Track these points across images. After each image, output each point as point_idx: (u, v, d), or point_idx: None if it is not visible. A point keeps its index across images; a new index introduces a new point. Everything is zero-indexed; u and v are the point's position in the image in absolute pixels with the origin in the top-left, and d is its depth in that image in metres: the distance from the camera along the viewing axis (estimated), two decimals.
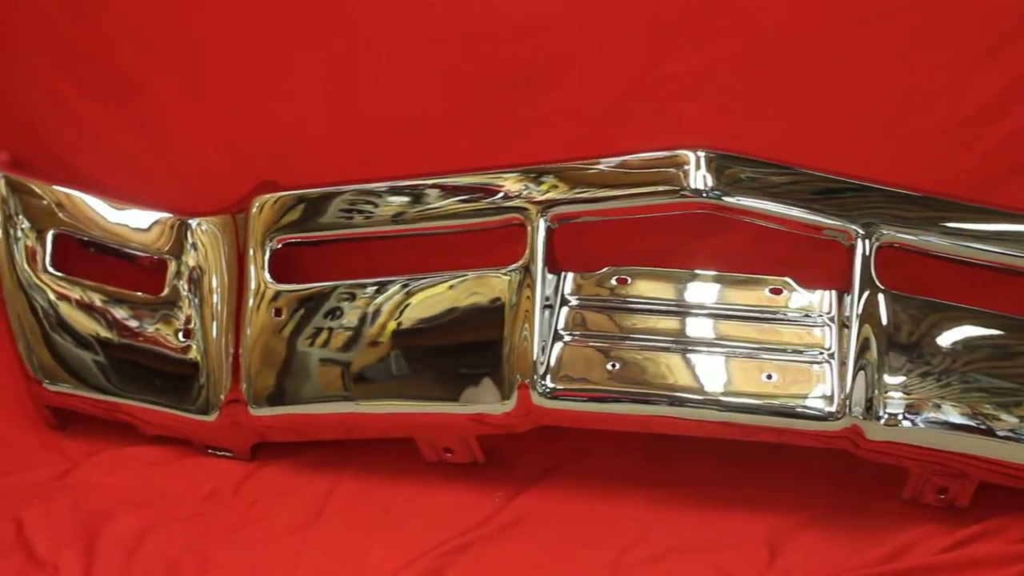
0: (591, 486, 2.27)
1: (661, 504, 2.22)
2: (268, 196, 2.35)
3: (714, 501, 2.23)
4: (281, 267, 2.35)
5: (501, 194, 2.24)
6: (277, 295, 2.31)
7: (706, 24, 2.33)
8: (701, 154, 2.17)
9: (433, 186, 2.30)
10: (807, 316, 2.19)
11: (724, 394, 2.14)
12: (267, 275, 2.32)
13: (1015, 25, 2.25)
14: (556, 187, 2.21)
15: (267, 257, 2.33)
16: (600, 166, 2.22)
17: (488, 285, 2.21)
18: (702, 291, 2.23)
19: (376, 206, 2.31)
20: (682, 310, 2.23)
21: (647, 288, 2.23)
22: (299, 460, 2.35)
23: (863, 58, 2.30)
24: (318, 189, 2.35)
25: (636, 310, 2.23)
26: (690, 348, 2.18)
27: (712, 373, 2.16)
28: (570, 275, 2.24)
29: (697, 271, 2.25)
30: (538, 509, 2.23)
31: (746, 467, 2.27)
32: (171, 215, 2.41)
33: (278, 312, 2.29)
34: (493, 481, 2.29)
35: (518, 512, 2.22)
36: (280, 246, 2.34)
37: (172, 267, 2.39)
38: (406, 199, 2.30)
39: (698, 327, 2.21)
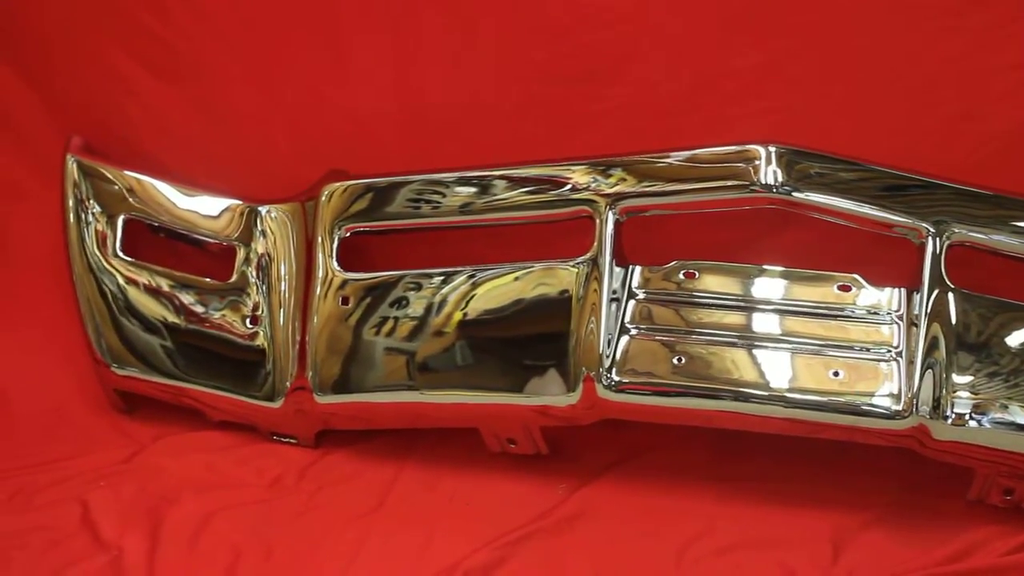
0: (654, 480, 2.27)
1: (725, 499, 2.22)
2: (337, 185, 2.36)
3: (779, 497, 2.22)
4: (349, 256, 2.36)
5: (569, 186, 2.25)
6: (344, 283, 2.32)
7: (770, 20, 2.32)
8: (772, 149, 2.17)
9: (500, 177, 2.30)
10: (875, 313, 2.17)
11: (790, 390, 2.13)
12: (335, 263, 2.33)
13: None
14: (625, 180, 2.21)
15: (335, 245, 2.34)
16: (669, 160, 2.22)
17: (555, 277, 2.21)
18: (769, 287, 2.22)
19: (444, 196, 2.32)
20: (749, 305, 2.22)
21: (714, 283, 2.23)
22: (363, 448, 2.37)
23: (928, 56, 2.29)
24: (386, 178, 2.36)
25: (703, 304, 2.22)
26: (756, 344, 2.18)
27: (778, 369, 2.15)
28: (638, 268, 2.24)
29: (765, 266, 2.24)
30: (601, 502, 2.23)
31: (811, 464, 2.27)
32: (240, 202, 2.43)
33: (345, 300, 2.30)
34: (556, 473, 2.29)
35: (580, 505, 2.23)
36: (348, 234, 2.36)
37: (241, 254, 2.41)
38: (474, 189, 2.31)
39: (764, 323, 2.20)
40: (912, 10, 2.29)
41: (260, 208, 2.41)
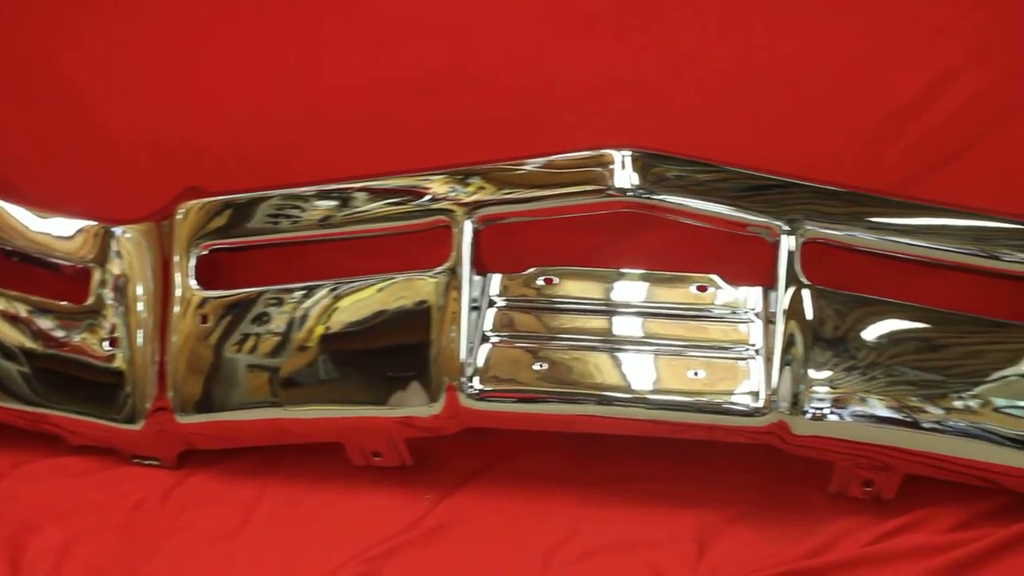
0: (520, 487, 2.27)
1: (590, 502, 2.22)
2: (193, 202, 2.34)
3: (643, 497, 2.23)
4: (208, 273, 2.33)
5: (429, 196, 2.24)
6: (203, 302, 2.29)
7: (642, 24, 2.35)
8: (626, 153, 2.18)
9: (361, 189, 2.30)
10: (733, 312, 2.20)
11: (652, 392, 2.14)
12: (193, 282, 2.30)
13: (939, 22, 2.27)
14: (483, 188, 2.22)
15: (193, 264, 2.31)
16: (527, 167, 2.22)
17: (415, 288, 2.20)
18: (629, 290, 2.24)
19: (303, 210, 2.31)
20: (609, 309, 2.23)
21: (574, 288, 2.23)
22: (227, 467, 2.34)
23: (790, 55, 2.33)
24: (245, 194, 2.34)
25: (563, 310, 2.23)
26: (617, 347, 2.19)
27: (639, 371, 2.16)
28: (497, 276, 2.23)
29: (623, 270, 2.25)
30: (467, 511, 2.22)
31: (675, 463, 2.28)
32: (95, 223, 2.39)
33: (204, 319, 2.28)
34: (421, 484, 2.28)
35: (447, 515, 2.22)
36: (206, 252, 2.32)
37: (96, 276, 2.37)
38: (333, 203, 2.29)
39: (625, 326, 2.21)
40: (773, 11, 2.30)
41: (115, 229, 2.38)
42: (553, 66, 2.37)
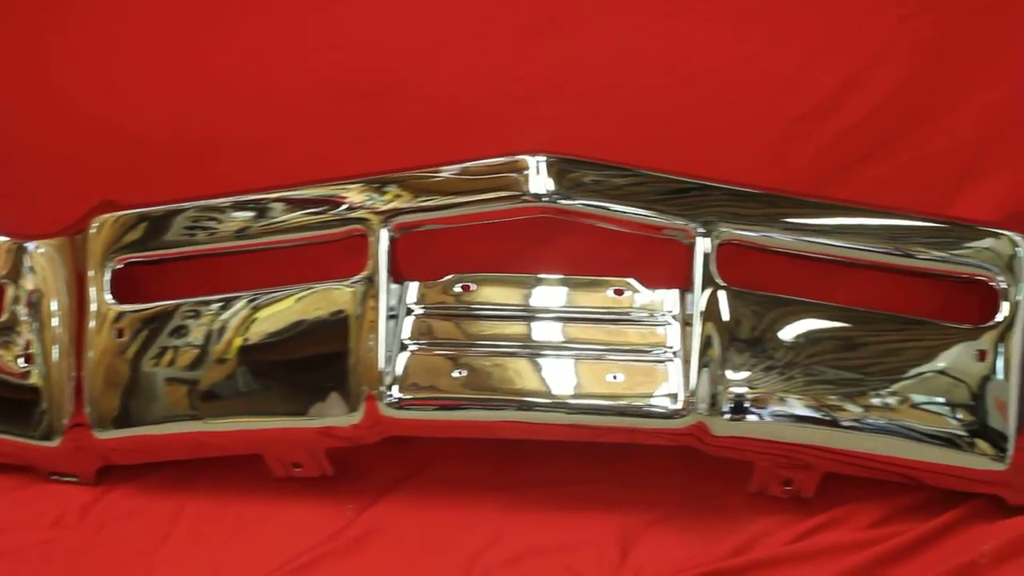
0: (442, 494, 2.27)
1: (512, 508, 2.23)
2: (107, 216, 2.32)
3: (566, 501, 2.24)
4: (124, 287, 2.31)
5: (345, 205, 2.23)
6: (119, 316, 2.28)
7: (557, 28, 2.35)
8: (540, 159, 2.18)
9: (278, 199, 2.28)
10: (651, 315, 2.20)
11: (571, 397, 2.15)
12: (108, 296, 2.28)
13: (850, 22, 2.29)
14: (399, 196, 2.21)
15: (108, 278, 2.29)
16: (443, 174, 2.22)
17: (332, 298, 2.20)
18: (547, 295, 2.24)
19: (220, 222, 2.29)
20: (528, 314, 2.23)
21: (492, 294, 2.23)
22: (146, 482, 2.32)
23: (704, 58, 2.34)
24: (160, 207, 2.32)
25: (482, 316, 2.23)
26: (537, 352, 2.19)
27: (559, 376, 2.17)
28: (414, 284, 2.23)
29: (541, 275, 2.26)
30: (389, 520, 2.22)
31: (596, 467, 2.29)
32: (7, 239, 2.36)
33: (120, 333, 2.26)
34: (343, 494, 2.27)
35: (369, 524, 2.21)
36: (121, 266, 2.30)
37: (10, 292, 2.34)
38: (250, 214, 2.28)
39: (544, 331, 2.21)
40: (684, 14, 2.32)
41: (27, 244, 2.35)
42: (471, 73, 2.37)
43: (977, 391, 2.14)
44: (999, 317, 2.16)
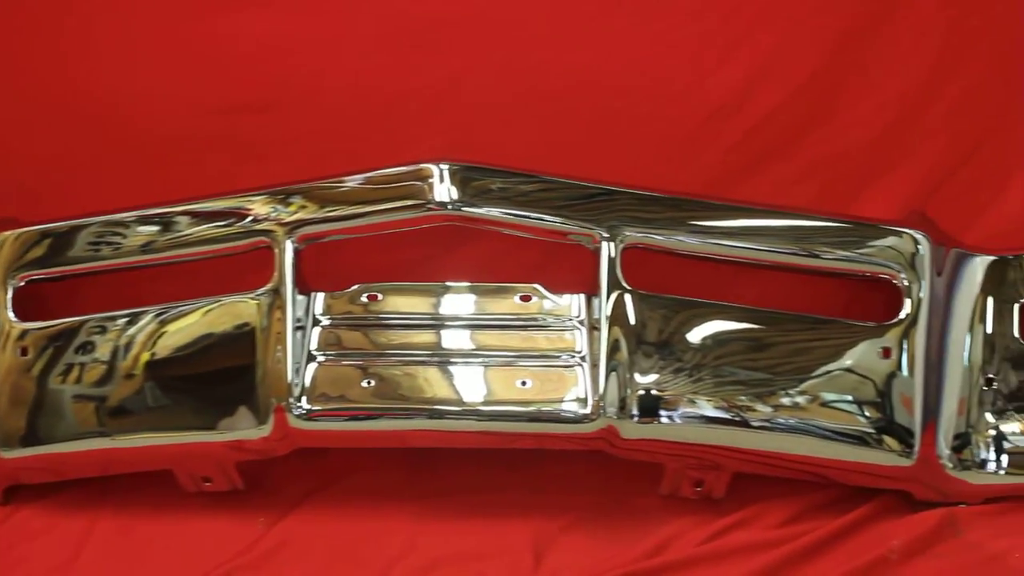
0: (354, 505, 2.26)
1: (425, 516, 2.23)
2: (8, 233, 2.29)
3: (478, 509, 2.24)
4: (29, 305, 2.28)
5: (250, 218, 2.22)
6: (23, 334, 2.25)
7: (453, 36, 2.35)
8: (444, 167, 2.18)
9: (183, 213, 2.26)
10: (558, 321, 2.20)
11: (482, 404, 2.16)
12: (10, 314, 2.25)
13: (748, 23, 2.31)
14: (304, 207, 2.20)
15: (9, 296, 2.26)
16: (347, 184, 2.21)
17: (239, 310, 2.19)
18: (454, 303, 2.24)
19: (125, 237, 2.27)
20: (436, 323, 2.23)
21: (399, 303, 2.24)
22: (55, 500, 2.30)
23: (606, 62, 2.34)
24: (63, 223, 2.29)
25: (390, 326, 2.23)
26: (446, 360, 2.19)
27: (469, 383, 2.17)
28: (320, 295, 2.22)
29: (448, 283, 2.25)
30: (301, 532, 2.21)
31: (508, 473, 2.30)
32: None
33: (24, 351, 2.23)
34: (255, 507, 2.26)
35: (281, 536, 2.20)
36: (24, 284, 2.27)
37: None
38: (155, 228, 2.27)
39: (453, 339, 2.21)
40: (585, 20, 2.33)
41: None
42: (365, 84, 2.36)
43: (883, 388, 2.16)
44: (902, 314, 2.17)
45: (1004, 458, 2.19)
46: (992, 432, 2.18)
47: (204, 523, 2.24)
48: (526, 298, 2.22)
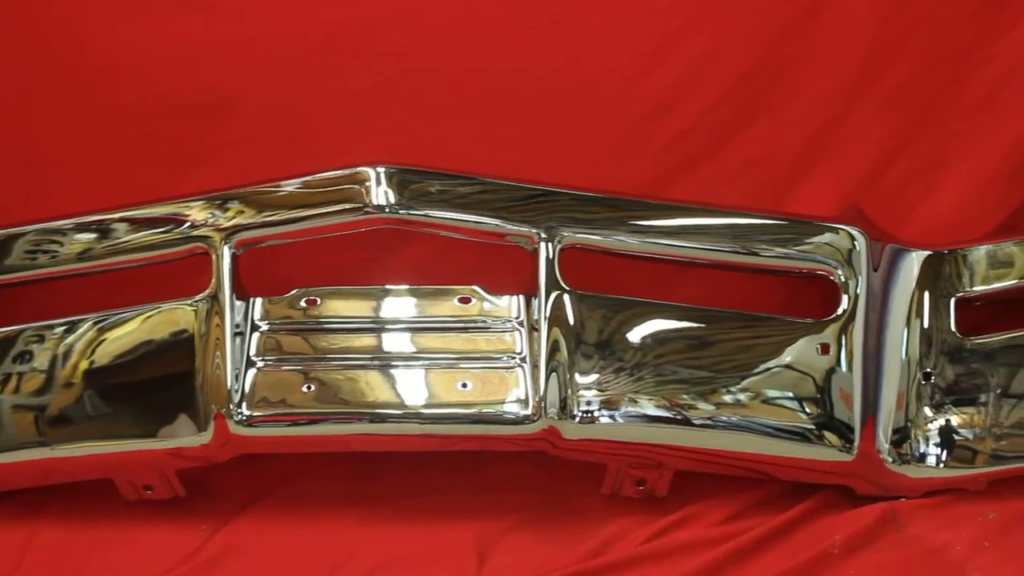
0: (297, 511, 2.25)
1: (368, 521, 2.22)
2: None
3: (421, 513, 2.24)
4: None
5: (188, 223, 2.21)
6: None
7: (384, 40, 2.34)
8: (381, 170, 2.18)
9: (120, 220, 2.25)
10: (497, 322, 2.20)
11: (423, 406, 2.15)
12: None
13: (680, 25, 2.31)
14: (241, 212, 2.19)
15: None
16: (285, 188, 2.20)
17: (177, 317, 2.18)
18: (393, 306, 2.24)
19: (62, 245, 2.26)
20: (376, 326, 2.23)
21: (338, 307, 2.23)
22: None
23: (539, 64, 2.34)
24: None
25: (329, 330, 2.22)
26: (386, 363, 2.19)
27: (410, 387, 2.17)
28: (259, 300, 2.21)
29: (388, 286, 2.25)
30: (243, 538, 2.20)
31: (452, 476, 2.29)
32: None
33: None
34: (196, 515, 2.25)
35: (224, 543, 2.20)
36: None
37: None
38: (92, 235, 2.25)
39: (393, 342, 2.21)
40: (518, 19, 2.34)
41: None
42: (301, 87, 2.36)
43: (823, 384, 2.17)
44: (840, 310, 2.19)
45: (943, 451, 2.20)
46: (931, 426, 2.19)
47: (146, 531, 2.23)
48: (465, 300, 2.21)
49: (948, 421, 2.20)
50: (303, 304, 2.23)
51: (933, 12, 2.31)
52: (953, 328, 2.22)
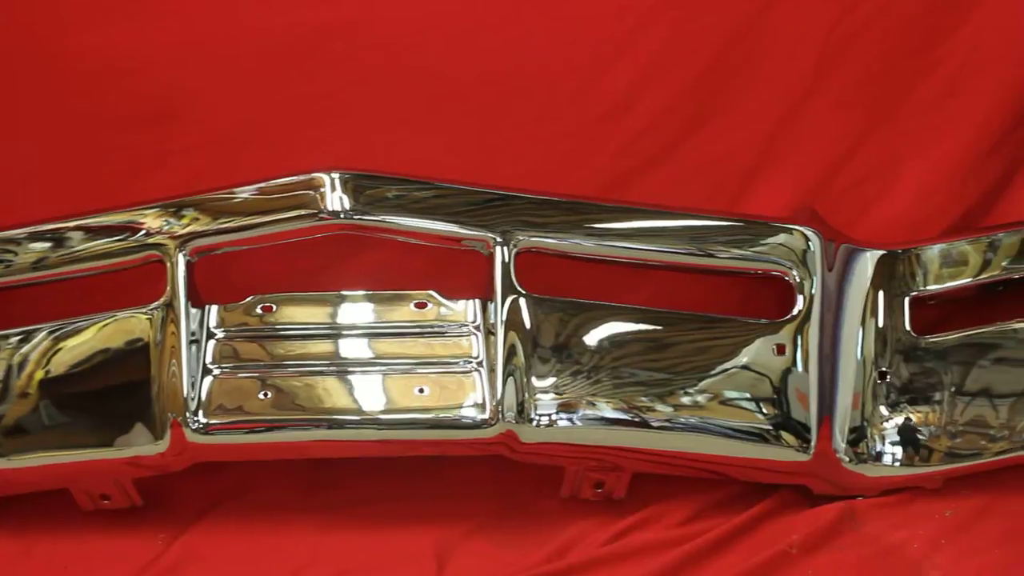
0: (255, 519, 2.25)
1: (327, 528, 2.22)
2: None
3: (380, 519, 2.24)
4: None
5: (143, 231, 2.20)
6: None
7: (336, 45, 2.33)
8: (336, 175, 2.17)
9: (75, 228, 2.23)
10: (453, 327, 2.20)
11: (381, 412, 2.15)
12: None
13: (634, 26, 2.32)
14: (196, 220, 2.18)
15: None
16: (238, 195, 2.20)
17: (132, 325, 2.17)
18: (350, 311, 2.23)
19: (16, 254, 2.24)
20: (333, 332, 2.22)
21: (294, 313, 2.22)
22: None
23: (493, 67, 2.34)
24: None
25: (285, 336, 2.21)
26: (344, 370, 2.18)
27: (367, 392, 2.17)
28: (214, 307, 2.20)
29: (344, 292, 2.24)
30: (202, 547, 2.20)
31: (410, 482, 2.29)
32: None
33: None
34: (154, 524, 2.24)
35: (181, 553, 2.19)
36: None
37: None
38: (47, 244, 2.24)
39: (350, 348, 2.21)
40: (469, 20, 2.34)
41: None
42: (252, 93, 2.35)
43: (779, 384, 2.18)
44: (795, 311, 2.20)
45: (899, 450, 2.21)
46: (887, 425, 2.20)
47: (104, 541, 2.22)
48: (421, 305, 2.21)
49: (904, 420, 2.21)
50: (259, 311, 2.22)
51: (884, 12, 2.32)
52: (908, 327, 2.23)
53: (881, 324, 2.22)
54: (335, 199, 2.16)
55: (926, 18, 2.35)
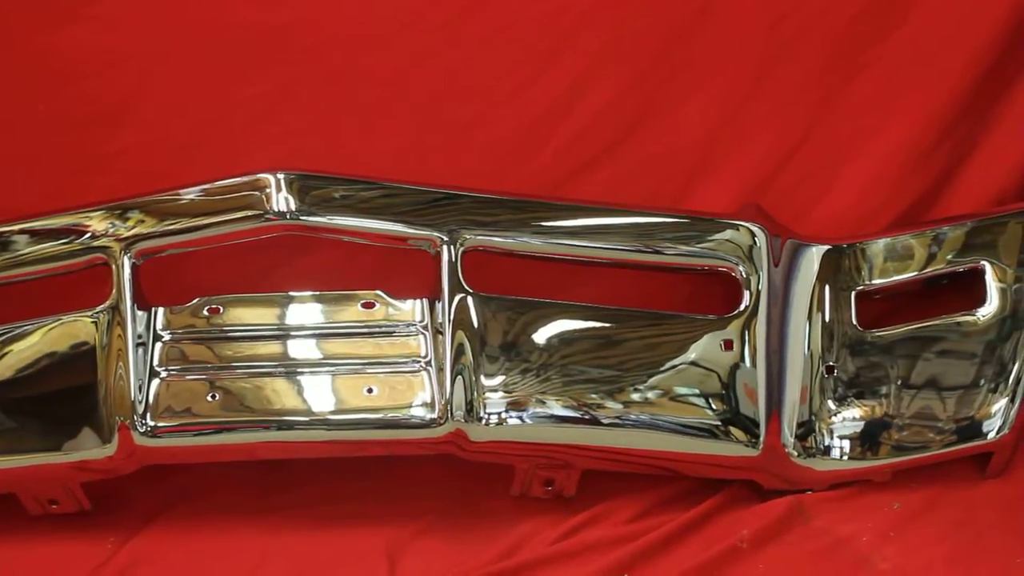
0: (205, 522, 2.24)
1: (277, 530, 2.22)
2: None
3: (331, 520, 2.23)
4: None
5: (88, 234, 2.18)
6: None
7: (278, 47, 2.32)
8: (281, 176, 2.16)
9: (20, 232, 2.22)
10: (401, 326, 2.20)
11: (330, 413, 2.15)
12: None
13: (573, 23, 2.32)
14: (141, 222, 2.17)
15: None
16: (183, 196, 2.19)
17: (78, 329, 2.15)
18: (297, 312, 2.23)
19: None
20: (280, 333, 2.22)
21: (242, 315, 2.22)
22: None
23: (433, 67, 2.35)
24: None
25: (233, 338, 2.20)
26: (292, 370, 2.18)
27: (316, 393, 2.16)
28: (161, 310, 2.19)
29: (291, 293, 2.24)
30: (151, 552, 2.19)
31: (360, 483, 2.29)
32: None
33: None
34: (103, 528, 2.23)
35: (131, 557, 2.18)
36: None
37: None
38: None
39: (298, 348, 2.20)
40: (410, 24, 2.33)
41: None
42: (194, 95, 2.35)
43: (727, 380, 2.19)
44: (742, 306, 2.21)
45: (847, 444, 2.22)
46: (835, 419, 2.22)
47: (52, 546, 2.21)
48: (369, 305, 2.21)
49: (852, 413, 2.23)
50: (206, 313, 2.21)
51: (823, 13, 2.33)
52: (854, 321, 2.25)
53: (828, 318, 2.23)
54: (281, 200, 2.15)
55: (860, 21, 2.36)
